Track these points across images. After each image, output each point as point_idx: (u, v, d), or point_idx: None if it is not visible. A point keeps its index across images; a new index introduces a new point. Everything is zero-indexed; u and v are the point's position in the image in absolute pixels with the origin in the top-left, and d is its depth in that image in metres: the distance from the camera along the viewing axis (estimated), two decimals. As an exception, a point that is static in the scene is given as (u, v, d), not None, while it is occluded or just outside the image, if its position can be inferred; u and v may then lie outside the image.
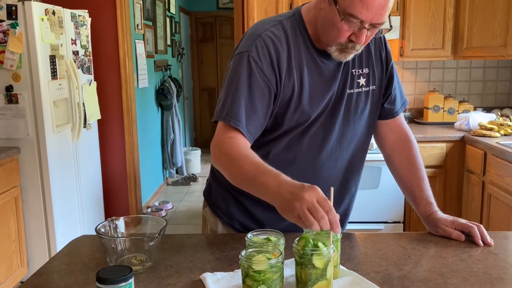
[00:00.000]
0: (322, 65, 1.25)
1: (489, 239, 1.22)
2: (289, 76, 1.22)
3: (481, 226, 1.25)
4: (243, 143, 1.17)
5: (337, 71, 1.27)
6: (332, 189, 1.00)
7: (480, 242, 1.21)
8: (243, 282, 0.92)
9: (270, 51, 1.20)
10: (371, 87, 1.32)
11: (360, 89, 1.30)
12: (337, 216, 0.95)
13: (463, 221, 1.26)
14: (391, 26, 1.17)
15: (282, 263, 0.92)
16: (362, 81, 1.30)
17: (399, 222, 3.24)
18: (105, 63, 3.78)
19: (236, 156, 1.14)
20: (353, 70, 1.29)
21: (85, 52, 3.35)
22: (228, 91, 1.21)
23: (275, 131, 1.27)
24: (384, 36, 1.35)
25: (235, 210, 1.38)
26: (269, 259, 0.90)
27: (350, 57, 1.22)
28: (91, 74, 3.47)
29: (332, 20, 1.14)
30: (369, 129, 1.37)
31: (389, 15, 1.15)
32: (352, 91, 1.29)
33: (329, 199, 0.97)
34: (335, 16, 1.13)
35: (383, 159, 1.47)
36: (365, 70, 1.31)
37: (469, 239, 1.23)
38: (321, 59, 1.25)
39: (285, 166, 1.27)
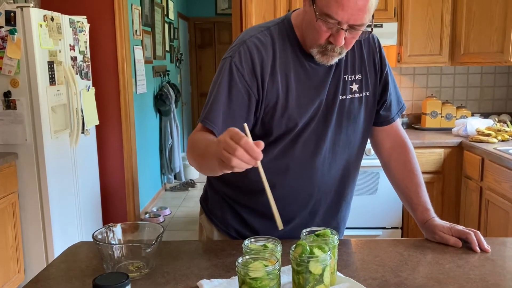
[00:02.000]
0: (311, 70, 1.26)
1: (486, 245, 1.22)
2: (273, 81, 1.22)
3: (478, 232, 1.25)
4: (211, 135, 1.19)
5: (327, 76, 1.27)
6: (245, 124, 1.01)
7: (477, 248, 1.21)
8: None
9: (252, 57, 1.21)
10: (364, 93, 1.32)
11: (352, 95, 1.30)
12: (252, 143, 0.93)
13: (460, 227, 1.26)
14: (371, 29, 1.17)
15: (279, 270, 0.92)
16: (354, 87, 1.30)
17: (397, 228, 3.23)
18: (103, 69, 3.79)
19: (197, 140, 1.19)
20: (346, 76, 1.29)
21: (83, 58, 3.35)
22: (210, 95, 1.24)
23: (265, 138, 1.27)
24: (378, 41, 1.35)
25: (231, 218, 1.38)
26: (265, 266, 0.90)
27: (333, 60, 1.22)
28: (90, 80, 3.47)
29: (312, 21, 1.15)
30: (363, 136, 1.37)
31: (373, 17, 1.14)
32: (344, 97, 1.29)
33: (245, 131, 0.97)
34: (313, 17, 1.13)
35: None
36: (358, 76, 1.31)
37: (466, 246, 1.24)
38: (310, 64, 1.25)
39: (278, 173, 1.28)
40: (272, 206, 1.00)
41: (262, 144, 0.94)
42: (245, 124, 1.00)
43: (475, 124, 3.17)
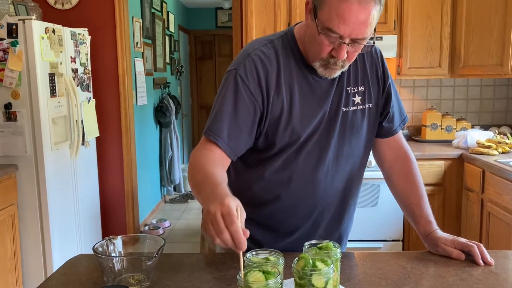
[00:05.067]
0: (314, 82, 1.26)
1: (489, 258, 1.21)
2: (278, 94, 1.22)
3: (481, 245, 1.24)
4: (213, 156, 1.18)
5: (330, 88, 1.27)
6: (239, 208, 0.95)
7: (481, 261, 1.20)
8: (242, 302, 0.91)
9: (258, 70, 1.21)
10: (367, 105, 1.32)
11: (355, 107, 1.30)
12: (240, 232, 0.90)
13: (463, 240, 1.26)
14: (374, 42, 1.18)
15: (281, 283, 0.91)
16: (357, 99, 1.30)
17: (398, 240, 3.22)
18: (104, 81, 3.80)
19: (196, 166, 1.17)
20: (348, 88, 1.29)
21: (84, 70, 3.37)
22: (214, 107, 1.24)
23: (268, 150, 1.27)
24: (381, 54, 1.35)
25: (232, 229, 1.37)
26: (266, 276, 0.89)
27: (336, 73, 1.22)
28: (90, 91, 3.48)
29: (314, 34, 1.15)
30: (366, 147, 1.36)
31: (375, 31, 1.15)
32: (347, 109, 1.29)
33: (237, 214, 0.92)
34: (316, 31, 1.14)
35: (381, 176, 1.47)
36: (361, 88, 1.31)
37: (469, 258, 1.23)
38: (313, 77, 1.26)
39: (281, 185, 1.28)
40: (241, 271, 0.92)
41: (248, 233, 0.92)
42: (239, 205, 0.95)
43: (475, 136, 3.17)
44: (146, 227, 4.50)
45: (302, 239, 1.13)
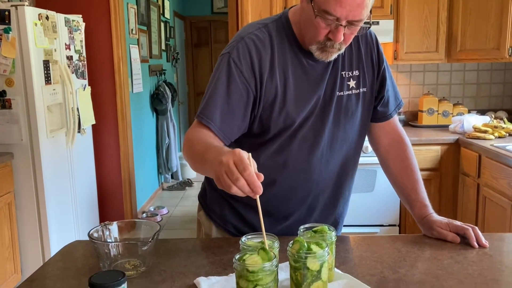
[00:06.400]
0: (309, 66, 1.25)
1: (484, 241, 1.22)
2: (272, 78, 1.22)
3: (476, 228, 1.25)
4: (209, 134, 1.18)
5: (324, 73, 1.27)
6: (249, 154, 0.96)
7: (475, 244, 1.21)
8: (237, 284, 0.91)
9: (251, 54, 1.21)
10: (361, 90, 1.31)
11: (350, 92, 1.30)
12: (255, 176, 0.91)
13: (458, 223, 1.26)
14: (370, 24, 1.17)
15: (277, 266, 0.91)
16: (352, 83, 1.30)
17: (394, 225, 3.24)
18: (99, 68, 3.77)
19: (194, 140, 1.17)
20: (343, 72, 1.29)
21: (79, 57, 3.34)
22: (207, 91, 1.24)
23: (263, 135, 1.27)
24: (376, 38, 1.35)
25: (229, 214, 1.37)
26: (262, 259, 0.89)
27: (333, 56, 1.22)
28: (85, 79, 3.46)
29: (310, 18, 1.15)
30: (361, 132, 1.36)
31: (370, 13, 1.15)
32: (342, 93, 1.29)
33: (249, 160, 0.93)
34: (312, 14, 1.13)
35: (378, 162, 1.47)
36: (355, 73, 1.30)
37: (464, 241, 1.23)
38: (308, 61, 1.25)
39: (276, 170, 1.28)
40: (263, 232, 0.95)
41: (262, 176, 0.93)
42: (250, 154, 0.95)
43: (472, 121, 3.18)
44: (144, 215, 4.52)
45: (297, 223, 1.13)
